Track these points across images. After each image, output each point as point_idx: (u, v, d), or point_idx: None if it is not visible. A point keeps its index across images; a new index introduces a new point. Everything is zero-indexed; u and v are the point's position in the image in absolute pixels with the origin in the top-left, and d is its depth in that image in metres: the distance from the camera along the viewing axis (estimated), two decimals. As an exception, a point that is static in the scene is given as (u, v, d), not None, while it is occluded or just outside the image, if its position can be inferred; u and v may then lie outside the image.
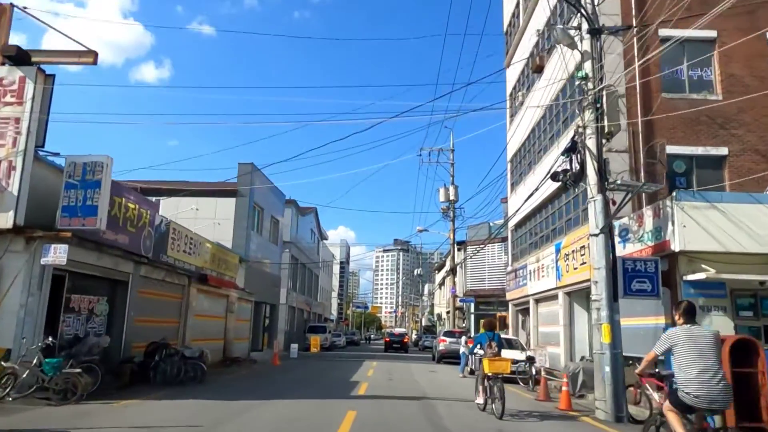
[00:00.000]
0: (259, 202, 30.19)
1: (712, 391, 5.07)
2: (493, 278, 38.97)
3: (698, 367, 5.13)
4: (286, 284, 39.24)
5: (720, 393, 5.09)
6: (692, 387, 5.12)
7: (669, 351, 5.43)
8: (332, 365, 23.38)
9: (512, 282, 26.05)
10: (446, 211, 37.45)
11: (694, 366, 5.15)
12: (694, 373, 5.14)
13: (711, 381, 5.08)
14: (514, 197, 26.23)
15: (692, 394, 5.11)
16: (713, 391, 5.07)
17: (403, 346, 45.75)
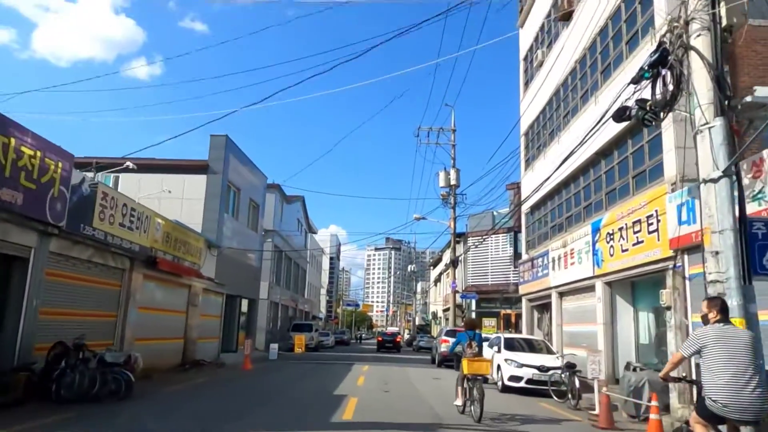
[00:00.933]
0: (234, 182, 26.31)
1: (745, 400, 4.43)
2: (497, 272, 35.32)
3: (729, 373, 4.48)
4: (269, 277, 35.37)
5: (754, 402, 4.44)
6: (721, 395, 4.49)
7: (698, 353, 4.72)
8: (316, 370, 19.61)
9: (527, 273, 22.37)
10: (446, 197, 33.73)
11: (725, 371, 4.51)
12: (724, 378, 4.49)
13: (744, 388, 4.44)
14: (529, 175, 22.54)
15: (720, 403, 4.46)
16: (746, 399, 4.43)
17: (396, 345, 43.91)
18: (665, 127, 11.51)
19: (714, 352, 4.66)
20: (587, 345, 15.96)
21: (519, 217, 35.60)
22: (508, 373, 14.21)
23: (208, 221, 23.89)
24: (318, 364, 22.67)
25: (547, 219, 20.56)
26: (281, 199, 38.48)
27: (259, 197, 30.70)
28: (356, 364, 22.91)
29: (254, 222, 30.25)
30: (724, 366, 4.60)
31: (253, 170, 29.47)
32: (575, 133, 16.63)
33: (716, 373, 4.61)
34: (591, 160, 15.83)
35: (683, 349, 4.94)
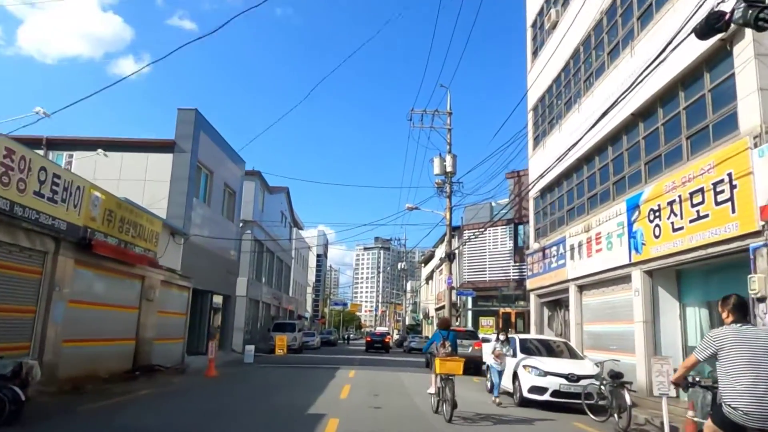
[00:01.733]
0: (206, 163, 23.39)
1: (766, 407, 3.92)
2: (496, 268, 32.67)
3: (749, 377, 3.98)
4: (248, 272, 32.43)
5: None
6: (741, 402, 3.97)
7: (714, 356, 4.24)
8: (293, 376, 16.79)
9: (536, 265, 19.69)
10: (441, 185, 30.98)
11: (744, 375, 4.01)
12: (744, 384, 3.99)
13: (767, 394, 3.93)
14: (539, 155, 19.87)
15: (741, 411, 3.93)
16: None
17: (385, 346, 42.24)
18: (741, 64, 8.83)
19: (732, 355, 4.17)
20: (617, 347, 13.29)
21: (520, 209, 33.02)
22: (528, 383, 11.47)
23: (174, 206, 21.00)
24: (298, 369, 19.83)
25: (562, 202, 17.88)
26: (262, 188, 35.55)
27: (235, 183, 27.78)
28: (342, 369, 20.09)
29: (230, 210, 27.33)
30: (743, 370, 4.09)
31: (229, 152, 26.55)
32: (601, 96, 13.97)
33: (735, 377, 4.10)
34: (624, 124, 13.15)
35: (697, 351, 4.41)
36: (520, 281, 31.25)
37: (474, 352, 20.43)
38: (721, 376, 4.24)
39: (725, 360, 4.21)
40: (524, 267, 31.80)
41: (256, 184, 33.52)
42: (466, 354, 20.92)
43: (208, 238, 23.31)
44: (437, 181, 31.15)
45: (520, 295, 31.72)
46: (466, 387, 15.55)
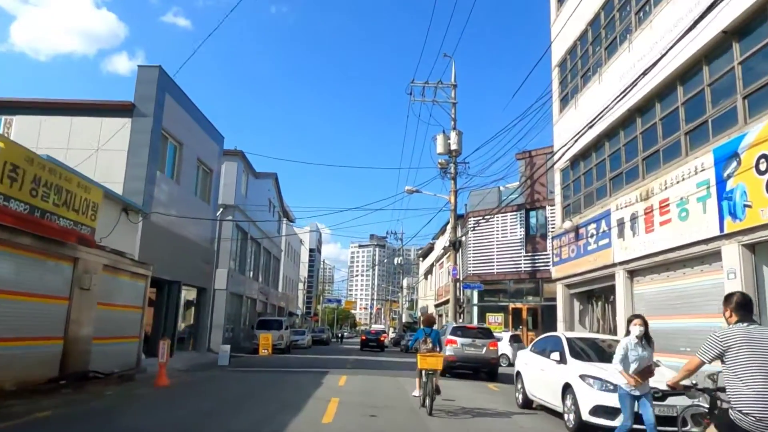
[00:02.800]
0: (173, 132, 19.97)
1: None
2: (505, 259, 29.37)
3: (761, 380, 3.69)
4: (229, 263, 29.03)
5: None
6: (753, 407, 3.65)
7: (720, 357, 3.90)
8: (270, 385, 13.47)
9: (566, 249, 16.41)
10: (445, 166, 27.68)
11: (755, 378, 3.71)
12: (755, 388, 3.68)
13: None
14: (569, 116, 16.57)
15: (752, 416, 3.63)
16: None
17: (380, 345, 40.64)
18: None
19: (740, 357, 3.81)
20: (691, 349, 9.94)
21: (532, 192, 29.75)
22: (590, 402, 8.08)
23: (131, 179, 17.63)
24: (279, 374, 16.48)
25: (603, 168, 14.57)
26: (246, 170, 32.10)
27: (212, 161, 24.34)
28: (331, 374, 16.76)
29: (206, 191, 23.90)
30: (754, 373, 3.74)
31: (205, 125, 23.13)
32: (664, 25, 10.64)
33: (745, 381, 3.73)
34: (709, 48, 9.83)
35: (701, 352, 3.99)
36: (533, 273, 28.00)
37: (488, 353, 17.14)
38: (729, 380, 3.89)
39: (733, 362, 3.87)
40: (537, 257, 28.59)
41: (239, 166, 30.09)
42: (479, 355, 17.69)
43: (177, 218, 19.90)
44: (440, 161, 27.85)
45: (532, 288, 28.49)
46: (483, 397, 12.29)
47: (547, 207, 27.96)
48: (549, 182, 28.26)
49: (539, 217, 28.67)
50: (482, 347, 17.16)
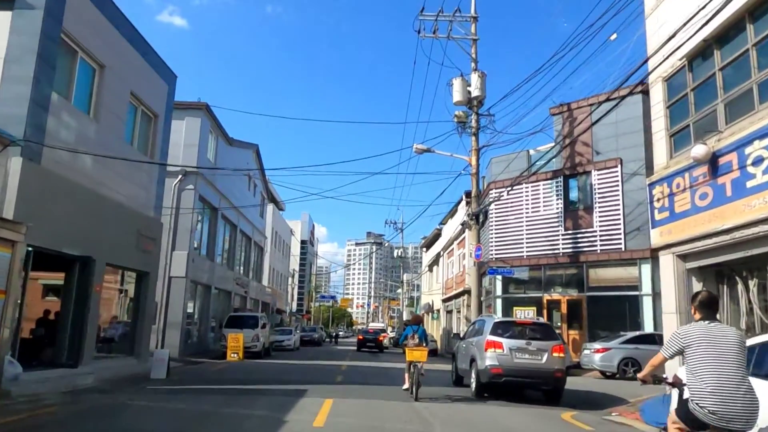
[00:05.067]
0: (89, 47, 13.85)
1: (734, 407, 3.90)
2: (537, 239, 23.34)
3: (716, 376, 3.99)
4: (190, 244, 22.98)
5: (744, 409, 3.92)
6: (707, 401, 3.95)
7: (680, 354, 4.27)
8: (190, 424, 7.47)
9: (682, 198, 10.34)
10: (464, 119, 21.73)
11: (712, 374, 4.01)
12: (710, 382, 3.98)
13: (733, 394, 3.92)
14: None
15: (707, 409, 3.95)
16: (735, 406, 3.90)
17: (379, 345, 36.96)
18: None
19: (698, 354, 4.11)
20: None
21: (572, 154, 23.74)
22: None
23: (7, 100, 11.59)
24: (225, 398, 10.44)
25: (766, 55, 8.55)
26: (215, 131, 26.00)
27: (158, 104, 18.18)
28: (309, 395, 10.74)
29: (146, 141, 17.77)
30: (710, 369, 4.04)
31: (146, 52, 17.03)
32: None
33: (701, 377, 4.04)
34: None
35: (664, 349, 4.37)
36: (574, 256, 22.01)
37: (551, 363, 11.12)
38: (688, 375, 4.18)
39: (692, 358, 4.15)
40: (580, 236, 22.58)
41: (203, 123, 23.99)
42: (537, 366, 11.48)
43: (95, 169, 13.81)
44: (457, 113, 21.88)
45: (574, 276, 22.52)
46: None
47: (594, 171, 21.98)
48: (596, 141, 22.31)
49: (583, 185, 22.67)
50: (542, 353, 11.16)
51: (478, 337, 12.15)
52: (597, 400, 12.06)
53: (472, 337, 12.86)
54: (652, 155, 20.76)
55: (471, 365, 12.19)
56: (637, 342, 17.30)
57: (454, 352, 14.78)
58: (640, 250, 20.13)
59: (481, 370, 11.38)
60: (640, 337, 17.53)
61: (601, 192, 21.59)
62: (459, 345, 14.16)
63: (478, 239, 20.67)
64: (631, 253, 20.42)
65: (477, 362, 11.64)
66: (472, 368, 12.06)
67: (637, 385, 6.42)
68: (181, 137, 23.04)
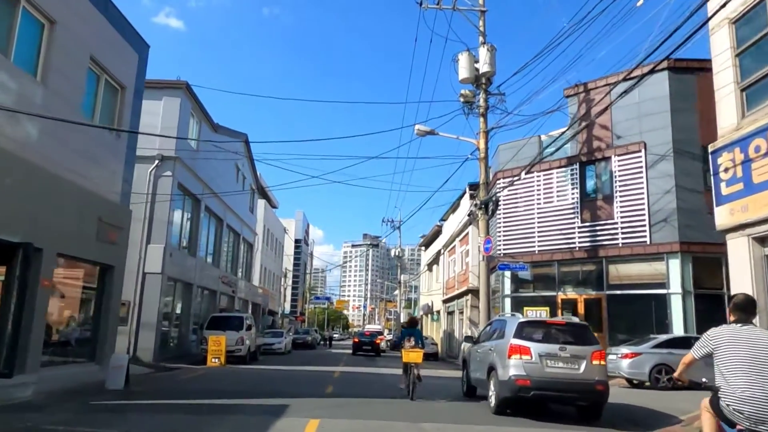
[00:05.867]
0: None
1: (761, 410, 3.86)
2: (550, 232, 21.24)
3: (743, 379, 3.97)
4: (167, 238, 20.76)
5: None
6: (734, 402, 3.98)
7: (710, 355, 4.25)
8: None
9: (761, 167, 8.23)
10: (471, 98, 19.60)
11: (739, 377, 4.00)
12: (739, 385, 3.98)
13: (761, 396, 3.88)
14: None
15: (732, 408, 3.99)
16: (763, 410, 3.86)
17: (375, 348, 34.76)
18: None
19: (727, 356, 4.13)
20: None
21: (589, 138, 21.65)
22: None
23: None
24: (185, 418, 8.26)
25: None
26: (197, 115, 23.80)
27: (125, 75, 15.94)
28: (291, 413, 8.58)
29: (113, 117, 15.56)
30: (737, 371, 4.04)
31: (103, 7, 14.79)
32: None
33: (729, 379, 4.06)
34: None
35: (694, 349, 4.40)
36: (593, 251, 19.91)
37: (590, 373, 8.99)
38: (717, 375, 4.18)
39: (720, 360, 4.15)
40: (599, 228, 20.47)
41: (183, 104, 21.78)
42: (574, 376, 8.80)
43: (45, 141, 11.59)
44: (463, 92, 19.75)
45: (592, 272, 20.40)
46: None
47: (614, 157, 19.88)
48: (616, 123, 20.21)
49: (602, 172, 20.57)
50: (579, 361, 9.01)
51: (498, 341, 9.98)
52: (641, 418, 9.91)
53: (490, 340, 10.69)
54: (681, 136, 18.94)
55: (489, 375, 10.02)
56: (670, 346, 15.14)
57: (465, 357, 12.60)
58: (668, 243, 18.04)
59: (503, 381, 9.21)
60: (674, 341, 15.40)
61: (622, 179, 19.50)
62: (472, 350, 11.99)
63: (487, 231, 18.52)
64: (657, 247, 18.30)
65: (498, 372, 9.47)
66: (491, 379, 9.89)
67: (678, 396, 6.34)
68: (158, 119, 20.87)
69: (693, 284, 17.71)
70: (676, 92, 18.89)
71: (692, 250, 17.84)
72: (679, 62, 18.98)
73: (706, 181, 18.37)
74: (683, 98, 18.79)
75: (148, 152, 20.33)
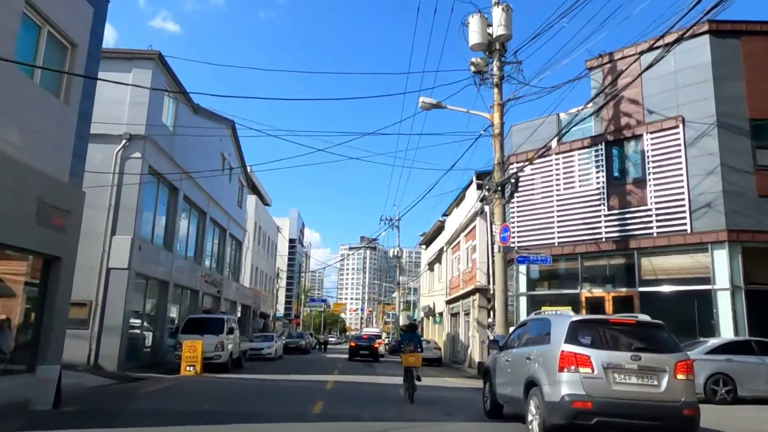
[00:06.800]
0: None
1: None
2: (571, 222, 18.77)
3: None
4: (135, 228, 18.16)
5: None
6: None
7: None
8: None
9: None
10: (483, 67, 17.11)
11: None
12: None
13: None
14: None
15: None
16: None
17: (374, 353, 32.13)
18: None
19: None
20: None
21: (616, 115, 19.20)
22: None
23: None
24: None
25: None
26: (176, 96, 21.24)
27: (77, 30, 13.36)
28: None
29: (60, 80, 13.02)
30: None
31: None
32: None
33: None
34: None
35: None
36: (622, 242, 17.40)
37: (673, 391, 6.41)
38: None
39: None
40: (629, 216, 17.93)
41: (156, 77, 19.21)
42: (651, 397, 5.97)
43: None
44: (475, 60, 17.27)
45: (621, 267, 17.91)
46: None
47: (646, 135, 17.41)
48: (648, 97, 17.72)
49: (632, 153, 18.08)
50: (658, 375, 6.49)
51: (541, 348, 7.45)
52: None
53: (526, 345, 8.16)
54: (726, 109, 16.38)
55: (528, 392, 7.47)
56: (728, 351, 12.68)
57: (488, 367, 10.04)
58: (713, 232, 15.56)
59: (552, 403, 6.67)
60: (733, 345, 12.92)
61: (656, 160, 17.03)
62: (498, 358, 9.43)
63: (503, 217, 16.01)
64: (699, 236, 15.82)
65: (543, 389, 6.93)
66: (531, 398, 7.35)
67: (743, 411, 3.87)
68: (127, 93, 18.33)
69: (743, 278, 15.23)
70: (718, 59, 16.43)
71: (741, 239, 15.37)
72: (722, 24, 16.59)
73: (757, 159, 16.07)
74: (727, 65, 16.35)
75: (115, 130, 17.85)
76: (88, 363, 16.82)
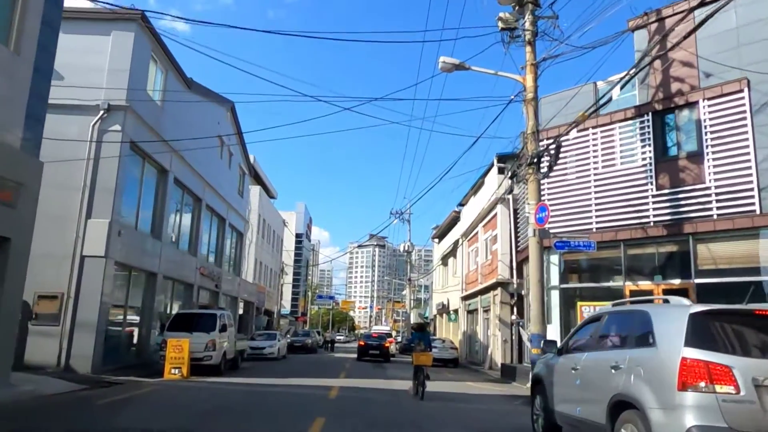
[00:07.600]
0: None
1: None
2: (613, 204, 16.30)
3: None
4: (113, 211, 15.93)
5: None
6: None
7: None
8: None
9: None
10: (512, 23, 14.68)
11: None
12: None
13: None
14: None
15: None
16: None
17: (384, 353, 29.89)
18: None
19: None
20: None
21: (666, 80, 16.74)
22: None
23: None
24: None
25: None
26: (159, 58, 18.97)
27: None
28: None
29: (8, 26, 10.82)
30: None
31: None
32: None
33: None
34: None
35: None
36: (675, 226, 14.94)
37: None
38: None
39: None
40: (682, 196, 15.48)
41: (139, 42, 16.97)
42: None
43: None
44: (503, 14, 14.80)
45: (674, 255, 15.48)
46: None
47: (703, 102, 14.92)
48: (703, 58, 15.26)
49: (685, 123, 15.60)
50: None
51: (639, 352, 5.11)
52: None
53: (608, 349, 5.80)
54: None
55: (616, 417, 5.11)
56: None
57: (538, 376, 7.68)
58: (788, 212, 13.08)
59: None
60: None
61: (715, 130, 14.53)
62: (556, 365, 7.06)
63: (538, 196, 13.62)
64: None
65: (649, 415, 4.58)
66: (623, 426, 4.99)
67: None
68: (105, 59, 16.16)
69: (826, 268, 12.75)
70: (795, 8, 13.95)
71: None
72: (795, -31, 14.08)
73: (840, 127, 13.60)
74: (803, 17, 13.84)
75: (91, 101, 15.66)
76: (59, 364, 14.67)
